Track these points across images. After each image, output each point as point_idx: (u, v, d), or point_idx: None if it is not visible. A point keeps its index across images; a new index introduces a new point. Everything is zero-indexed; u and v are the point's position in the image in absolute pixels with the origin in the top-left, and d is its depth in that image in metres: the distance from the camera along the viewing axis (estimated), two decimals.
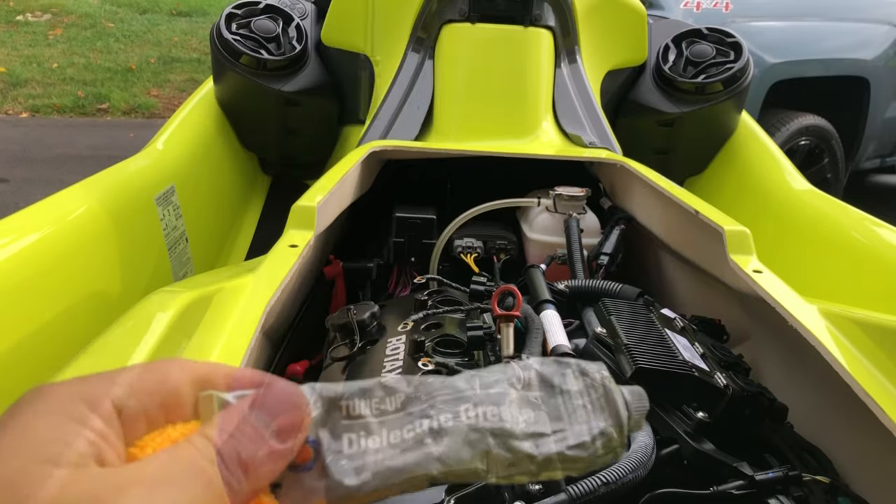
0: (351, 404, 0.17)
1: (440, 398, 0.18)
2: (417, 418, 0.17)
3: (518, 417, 0.17)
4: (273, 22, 1.07)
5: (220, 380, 0.17)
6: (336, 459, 0.17)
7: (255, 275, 0.48)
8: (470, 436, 0.17)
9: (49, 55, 3.79)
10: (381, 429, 0.17)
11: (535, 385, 0.18)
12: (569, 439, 0.18)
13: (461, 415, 0.17)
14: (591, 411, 0.18)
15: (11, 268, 0.52)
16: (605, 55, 1.01)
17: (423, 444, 0.17)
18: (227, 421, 0.16)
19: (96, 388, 0.15)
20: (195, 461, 0.15)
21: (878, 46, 2.09)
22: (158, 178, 0.82)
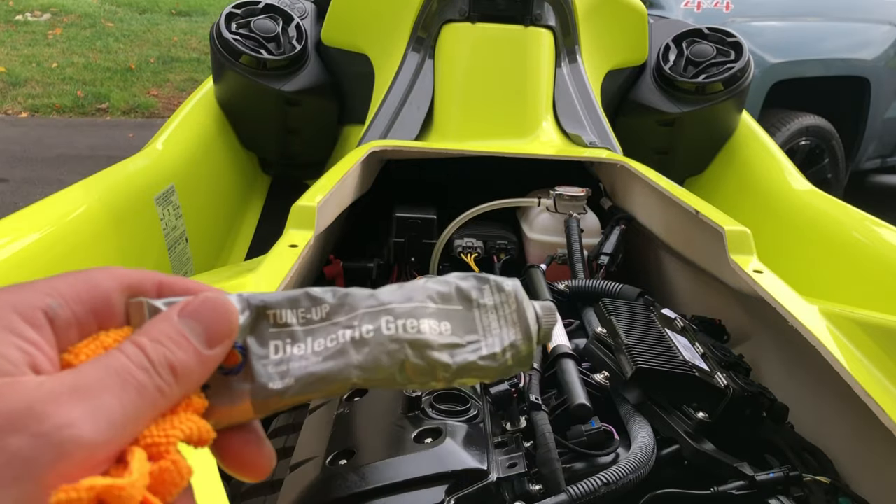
0: (278, 313, 0.18)
1: (363, 310, 0.18)
2: (341, 328, 0.18)
3: (436, 329, 0.18)
4: (273, 21, 1.07)
5: (151, 287, 0.18)
6: (262, 364, 0.17)
7: (255, 275, 0.48)
8: (389, 346, 0.18)
9: (48, 55, 3.78)
10: (305, 337, 0.18)
11: (454, 298, 0.19)
12: (482, 350, 0.19)
13: (382, 326, 0.18)
14: (503, 325, 0.19)
15: (11, 267, 0.52)
16: (605, 55, 1.01)
17: (345, 352, 0.18)
18: (157, 327, 0.16)
19: (27, 297, 0.15)
20: (127, 368, 0.15)
21: (879, 46, 2.09)
22: (158, 177, 0.82)
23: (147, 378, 0.15)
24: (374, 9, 0.98)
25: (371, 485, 0.37)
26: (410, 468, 0.38)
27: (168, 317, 0.17)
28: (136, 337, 0.16)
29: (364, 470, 0.38)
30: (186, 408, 0.16)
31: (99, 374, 0.15)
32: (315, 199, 0.57)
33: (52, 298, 0.16)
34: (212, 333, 0.17)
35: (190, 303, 0.17)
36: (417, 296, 0.19)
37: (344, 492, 0.37)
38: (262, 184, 1.18)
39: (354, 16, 1.01)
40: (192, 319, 0.17)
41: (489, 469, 0.38)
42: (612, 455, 0.41)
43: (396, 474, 0.37)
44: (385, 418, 0.42)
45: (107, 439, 0.14)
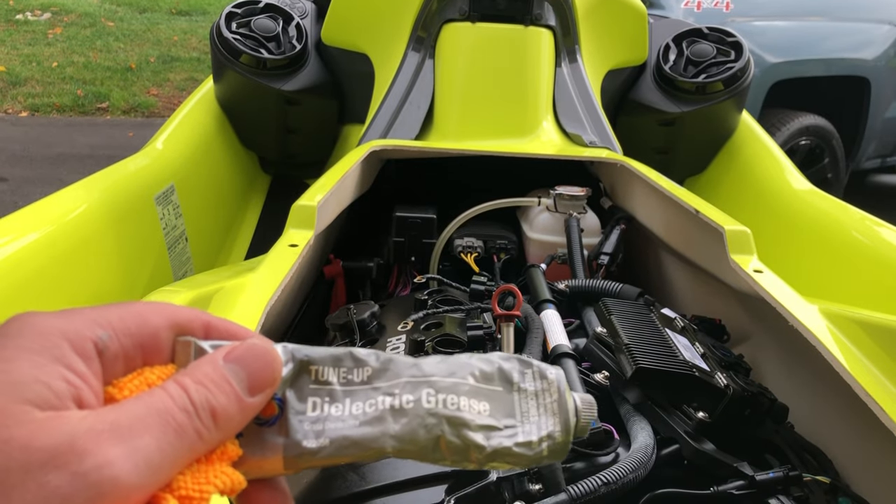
0: (320, 370, 0.18)
1: (404, 378, 0.18)
2: (381, 394, 0.18)
3: (474, 408, 0.18)
4: (273, 21, 1.07)
5: (198, 327, 0.18)
6: (299, 420, 0.17)
7: (254, 274, 0.48)
8: (427, 420, 0.18)
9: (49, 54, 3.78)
10: (345, 398, 0.18)
11: (496, 379, 0.19)
12: (518, 436, 0.18)
13: (422, 398, 0.18)
14: (542, 413, 0.19)
15: (11, 267, 0.52)
16: (605, 54, 1.01)
17: (383, 420, 0.18)
18: (201, 370, 0.16)
19: (78, 326, 0.16)
20: (169, 409, 0.15)
21: (879, 46, 2.08)
22: (158, 177, 0.82)
23: (187, 421, 0.15)
24: (375, 8, 0.98)
25: (370, 484, 0.37)
26: (410, 467, 0.38)
27: (213, 360, 0.17)
28: (180, 377, 0.16)
29: (363, 469, 0.38)
30: (221, 455, 0.16)
31: (140, 413, 0.15)
32: (315, 198, 0.57)
33: (102, 330, 0.16)
34: (255, 381, 0.17)
35: (236, 348, 0.17)
36: (460, 371, 0.19)
37: (343, 491, 0.37)
38: (262, 183, 1.18)
39: (354, 15, 1.01)
40: (237, 365, 0.17)
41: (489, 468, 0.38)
42: (611, 455, 0.41)
43: (396, 473, 0.37)
44: None
45: (143, 482, 0.14)
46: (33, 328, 0.15)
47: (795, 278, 0.56)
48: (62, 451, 0.13)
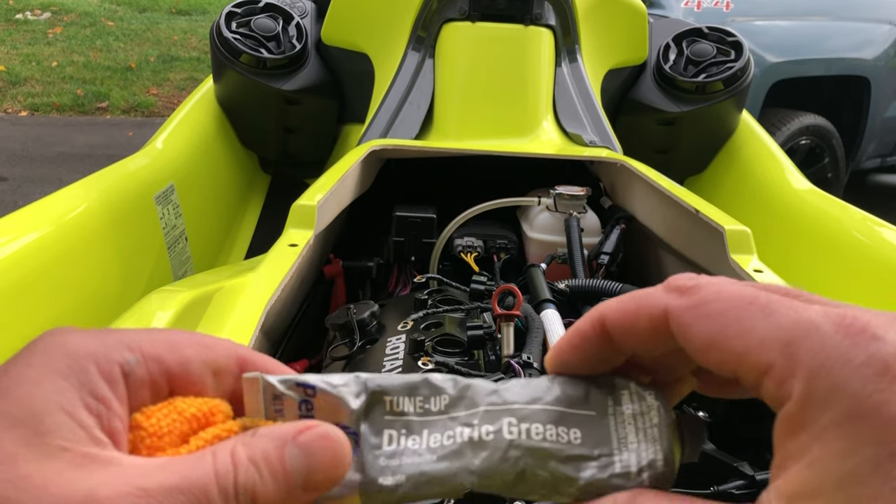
0: (395, 400, 0.17)
1: (483, 407, 0.17)
2: (459, 425, 0.17)
3: (563, 437, 0.16)
4: (273, 20, 1.06)
5: (234, 363, 0.16)
6: (374, 455, 0.16)
7: (254, 274, 0.48)
8: (510, 453, 0.16)
9: (48, 53, 3.78)
10: (422, 429, 0.17)
11: (588, 402, 0.17)
12: (614, 466, 0.16)
13: (503, 429, 0.16)
14: (642, 439, 0.16)
15: (10, 267, 0.52)
16: (605, 54, 1.01)
17: (462, 454, 0.16)
18: (261, 447, 0.15)
19: (107, 348, 0.15)
20: (207, 489, 0.14)
21: (879, 46, 2.08)
22: (158, 176, 0.82)
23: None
24: (375, 8, 0.98)
25: None
26: None
27: (281, 438, 0.15)
28: (237, 448, 0.14)
29: None
30: None
31: (174, 485, 0.13)
32: (315, 198, 0.57)
33: (131, 353, 0.15)
34: (315, 477, 0.15)
35: (307, 431, 0.15)
36: (546, 396, 0.17)
37: None
38: (262, 183, 1.18)
39: (354, 15, 1.01)
40: (302, 454, 0.15)
41: None
42: None
43: None
44: None
45: None
46: (62, 348, 0.14)
47: (795, 278, 0.56)
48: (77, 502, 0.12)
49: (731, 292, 0.14)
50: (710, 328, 0.14)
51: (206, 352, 0.16)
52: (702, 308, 0.15)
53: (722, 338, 0.14)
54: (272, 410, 0.16)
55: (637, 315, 0.16)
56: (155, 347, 0.16)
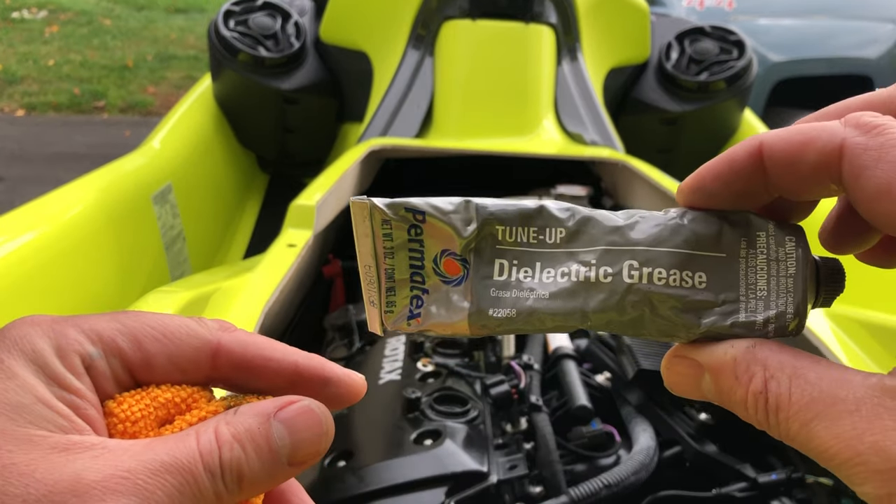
0: (508, 230, 0.16)
1: (603, 246, 0.16)
2: (576, 263, 0.16)
3: (688, 282, 0.15)
4: (271, 19, 1.06)
5: (205, 357, 0.16)
6: (484, 285, 0.16)
7: (252, 274, 0.47)
8: (628, 297, 0.15)
9: (45, 52, 3.77)
10: (534, 261, 0.16)
11: (717, 243, 0.15)
12: (739, 314, 0.15)
13: (623, 272, 0.15)
14: (773, 288, 0.15)
15: (6, 267, 0.52)
16: (607, 53, 1.00)
17: (577, 295, 0.15)
18: (244, 423, 0.14)
19: (70, 341, 0.14)
20: (194, 467, 0.14)
21: (883, 45, 2.08)
22: (155, 176, 0.81)
23: (210, 484, 0.14)
24: (374, 6, 0.97)
25: (370, 487, 0.37)
26: (410, 470, 0.37)
27: (262, 413, 0.15)
28: (220, 426, 0.14)
29: (363, 472, 0.38)
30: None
31: (160, 465, 0.13)
32: (313, 197, 0.56)
33: (93, 347, 0.15)
34: (299, 452, 0.15)
35: (290, 406, 0.15)
36: (671, 238, 0.15)
37: (342, 494, 0.37)
38: (260, 182, 1.17)
39: (353, 13, 1.01)
40: (286, 429, 0.15)
41: (489, 471, 0.38)
42: (613, 457, 0.41)
43: (395, 476, 0.37)
44: (384, 419, 0.42)
45: None
46: (26, 342, 0.14)
47: None
48: (62, 489, 0.12)
49: None
50: (892, 175, 0.12)
51: (170, 346, 0.16)
52: (887, 152, 0.13)
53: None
54: (381, 235, 0.15)
55: (805, 147, 0.14)
56: (116, 340, 0.15)
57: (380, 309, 0.16)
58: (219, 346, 0.16)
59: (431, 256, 0.16)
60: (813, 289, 0.16)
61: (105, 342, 0.15)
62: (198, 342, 0.16)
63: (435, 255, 0.16)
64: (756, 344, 0.14)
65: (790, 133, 0.14)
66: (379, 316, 0.16)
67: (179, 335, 0.16)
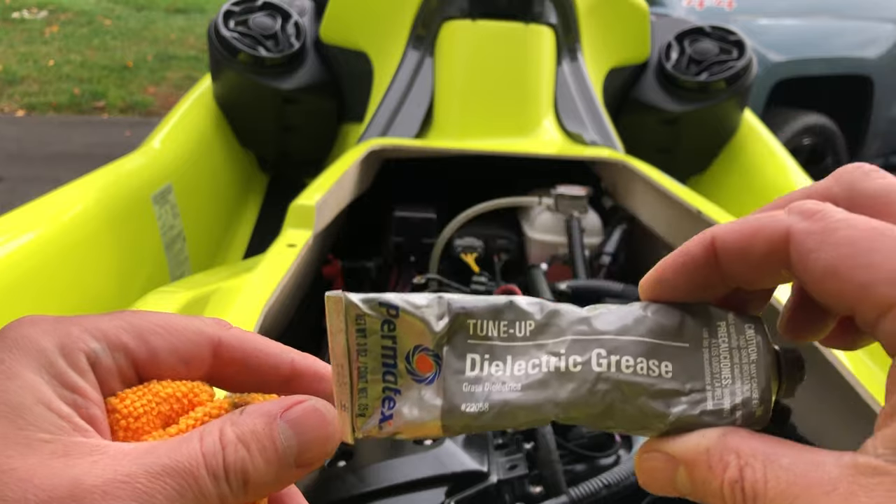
0: (479, 323, 0.16)
1: (571, 336, 0.16)
2: (545, 354, 0.16)
3: (654, 371, 0.15)
4: (271, 19, 1.06)
5: (206, 350, 0.16)
6: (457, 381, 0.16)
7: (252, 275, 0.47)
8: (598, 386, 0.15)
9: (45, 52, 3.77)
10: (506, 355, 0.16)
11: (681, 333, 0.16)
12: (706, 403, 0.15)
13: (592, 360, 0.15)
14: (737, 375, 0.15)
15: (6, 267, 0.52)
16: (607, 53, 1.00)
17: (548, 385, 0.15)
18: (250, 424, 0.14)
19: (73, 339, 0.14)
20: (196, 471, 0.13)
21: (883, 45, 2.08)
22: (155, 176, 0.81)
23: (213, 486, 0.13)
24: (374, 6, 0.97)
25: (370, 487, 0.37)
26: (410, 470, 0.37)
27: (270, 414, 0.14)
28: (226, 427, 0.14)
29: (363, 472, 0.38)
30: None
31: (161, 468, 0.13)
32: (313, 197, 0.56)
33: (96, 342, 0.14)
34: (305, 453, 0.14)
35: (297, 406, 0.15)
36: (636, 328, 0.16)
37: (342, 494, 0.37)
38: (260, 182, 1.17)
39: (353, 13, 1.01)
40: (293, 430, 0.14)
41: (489, 471, 0.38)
42: (613, 457, 0.41)
43: (395, 476, 0.37)
44: None
45: None
46: (28, 341, 0.14)
47: None
48: (61, 494, 0.12)
49: (861, 221, 0.13)
50: (835, 256, 0.13)
51: (174, 340, 0.16)
52: (829, 235, 0.13)
53: (846, 267, 0.13)
54: (354, 331, 0.16)
55: (754, 237, 0.15)
56: (120, 336, 0.15)
57: (351, 413, 0.15)
58: (219, 341, 0.16)
59: (404, 354, 0.16)
60: (776, 377, 0.16)
61: (109, 338, 0.15)
62: (199, 336, 0.16)
63: (408, 351, 0.16)
64: (727, 432, 0.14)
65: (740, 225, 0.15)
66: (350, 421, 0.15)
67: (181, 329, 0.16)
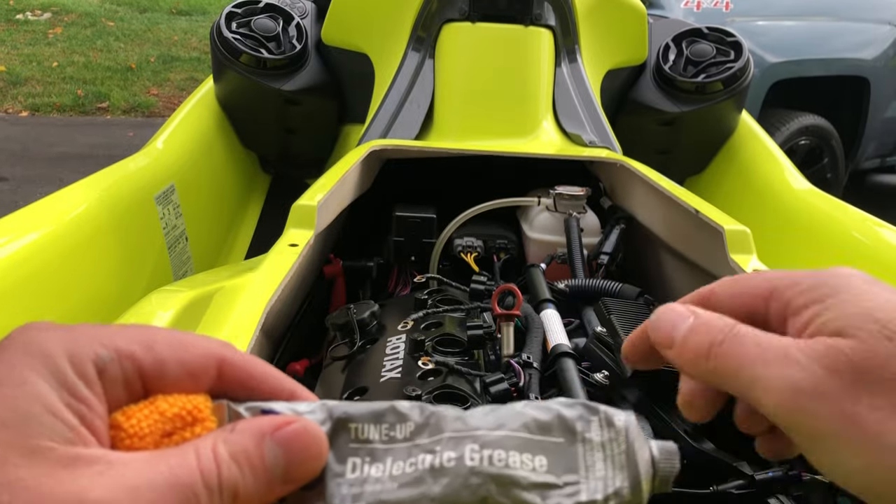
0: (361, 427, 0.17)
1: (448, 434, 0.17)
2: (422, 452, 0.17)
3: (528, 464, 0.16)
4: (273, 21, 1.07)
5: (212, 364, 0.16)
6: (337, 484, 0.16)
7: (255, 274, 0.48)
8: (471, 479, 0.16)
9: (49, 54, 3.78)
10: (385, 457, 0.17)
11: (555, 429, 0.17)
12: (580, 495, 0.16)
13: (465, 455, 0.16)
14: (609, 466, 0.16)
15: (11, 267, 0.52)
16: (605, 54, 1.01)
17: (423, 481, 0.16)
18: (240, 442, 0.15)
19: (79, 344, 0.15)
20: (194, 485, 0.14)
21: (879, 46, 2.08)
22: (158, 176, 0.82)
23: (207, 500, 0.14)
24: (375, 8, 0.98)
25: None
26: None
27: (259, 433, 0.15)
28: (218, 446, 0.15)
29: None
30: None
31: (161, 482, 0.14)
32: (315, 198, 0.57)
33: (105, 350, 0.15)
34: (293, 472, 0.15)
35: (286, 426, 0.15)
36: (511, 422, 0.17)
37: None
38: (262, 183, 1.18)
39: (354, 15, 1.01)
40: (281, 449, 0.15)
41: None
42: None
43: None
44: None
45: None
46: (37, 347, 0.14)
47: None
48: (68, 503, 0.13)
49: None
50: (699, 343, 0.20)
51: (181, 352, 0.16)
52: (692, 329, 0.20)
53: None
54: None
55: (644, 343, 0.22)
56: (129, 345, 0.15)
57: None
58: (224, 359, 0.17)
59: None
60: (650, 467, 0.17)
61: (118, 347, 0.15)
62: (206, 352, 0.16)
63: None
64: None
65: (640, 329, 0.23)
66: None
67: (189, 344, 0.16)
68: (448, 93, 0.87)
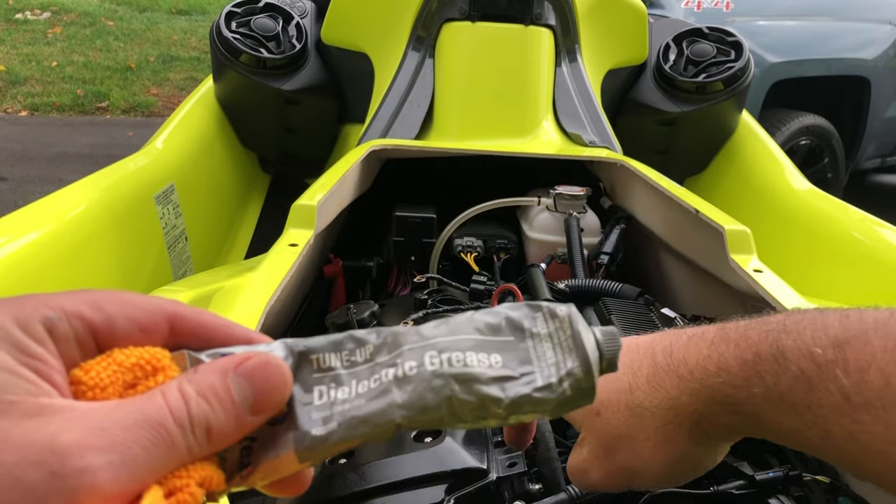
0: (322, 357, 0.17)
1: (406, 347, 0.18)
2: (384, 368, 0.17)
3: (485, 362, 0.17)
4: (273, 20, 1.06)
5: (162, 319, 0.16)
6: (306, 411, 0.17)
7: (254, 274, 0.48)
8: (433, 382, 0.17)
9: (48, 53, 3.78)
10: (350, 379, 0.17)
11: (505, 329, 0.18)
12: (536, 381, 0.17)
13: (426, 362, 0.17)
14: (559, 353, 0.18)
15: (10, 266, 0.52)
16: (605, 54, 1.01)
17: (388, 392, 0.17)
18: (206, 380, 0.15)
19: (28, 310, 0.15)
20: (164, 422, 0.14)
21: (880, 46, 2.08)
22: (158, 176, 0.82)
23: (181, 437, 0.15)
24: (374, 8, 0.98)
25: (370, 484, 0.37)
26: (410, 467, 0.38)
27: (222, 370, 0.16)
28: (184, 385, 0.15)
29: (363, 469, 0.38)
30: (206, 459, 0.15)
31: (133, 422, 0.14)
32: (315, 197, 0.57)
33: (51, 311, 0.15)
34: (260, 402, 0.16)
35: (248, 361, 0.16)
36: (464, 329, 0.18)
37: (343, 491, 0.37)
38: (262, 183, 1.18)
39: (354, 15, 1.01)
40: (245, 381, 0.16)
41: (489, 468, 0.38)
42: None
43: (396, 473, 0.37)
44: None
45: (123, 491, 0.13)
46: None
47: (795, 278, 0.56)
48: (43, 448, 0.13)
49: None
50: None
51: (130, 309, 0.16)
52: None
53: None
54: None
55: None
56: (76, 305, 0.16)
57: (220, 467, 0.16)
58: (175, 314, 0.17)
59: None
60: (596, 349, 0.18)
61: (64, 308, 0.15)
62: (156, 308, 0.17)
63: None
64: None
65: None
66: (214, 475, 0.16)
67: (138, 301, 0.17)
68: (448, 92, 0.87)
